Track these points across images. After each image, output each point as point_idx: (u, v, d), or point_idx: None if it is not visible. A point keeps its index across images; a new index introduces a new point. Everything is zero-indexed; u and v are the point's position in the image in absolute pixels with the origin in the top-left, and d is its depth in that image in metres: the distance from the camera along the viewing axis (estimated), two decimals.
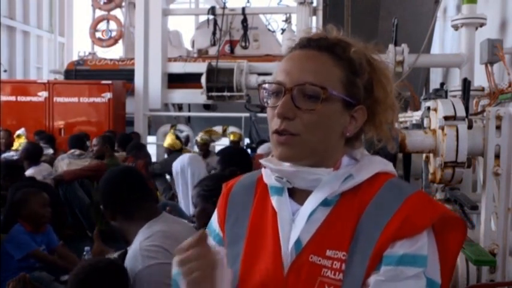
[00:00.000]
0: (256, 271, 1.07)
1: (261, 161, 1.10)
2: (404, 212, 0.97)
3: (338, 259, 0.99)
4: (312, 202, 1.03)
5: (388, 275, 0.96)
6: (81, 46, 17.82)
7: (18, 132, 7.87)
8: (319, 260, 1.00)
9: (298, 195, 1.07)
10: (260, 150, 6.18)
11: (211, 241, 1.17)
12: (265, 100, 1.06)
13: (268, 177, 1.10)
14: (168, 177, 7.08)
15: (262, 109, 7.72)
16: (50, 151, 7.21)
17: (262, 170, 1.12)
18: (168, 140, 7.25)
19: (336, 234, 1.01)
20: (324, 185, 1.03)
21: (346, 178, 1.03)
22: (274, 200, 1.08)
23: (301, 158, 1.03)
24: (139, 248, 1.94)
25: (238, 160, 3.23)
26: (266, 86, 1.06)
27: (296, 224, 1.04)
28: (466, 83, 2.42)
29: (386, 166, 1.08)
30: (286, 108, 1.01)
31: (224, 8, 10.61)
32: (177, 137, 7.51)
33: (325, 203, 1.03)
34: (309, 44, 1.06)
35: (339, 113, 1.03)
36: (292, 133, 1.01)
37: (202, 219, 2.32)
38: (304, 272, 1.01)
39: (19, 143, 7.25)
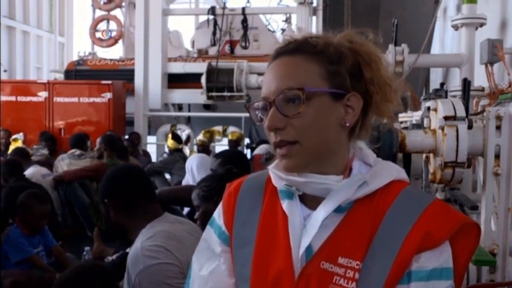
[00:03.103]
0: (267, 276, 1.05)
1: (269, 168, 1.08)
2: (424, 224, 0.96)
3: (352, 268, 0.98)
4: (325, 209, 1.01)
5: None
6: (81, 46, 17.92)
7: (15, 136, 7.88)
8: (331, 267, 0.99)
9: (309, 199, 1.05)
10: (258, 150, 6.17)
11: (214, 238, 1.17)
12: (259, 119, 1.05)
13: (278, 181, 1.08)
14: (168, 176, 7.08)
15: None
16: (45, 151, 7.24)
17: (270, 172, 1.10)
18: (169, 140, 7.31)
19: (350, 242, 0.99)
20: (337, 192, 1.00)
21: (360, 185, 1.01)
22: (284, 204, 1.06)
23: (306, 165, 1.02)
24: (140, 248, 1.94)
25: (237, 162, 3.24)
26: (254, 105, 1.06)
27: (307, 229, 1.02)
28: (466, 83, 2.41)
29: (400, 173, 1.06)
30: (274, 120, 1.00)
31: (224, 8, 10.61)
32: (177, 136, 7.54)
33: (338, 209, 1.01)
34: (279, 53, 1.04)
35: (328, 107, 1.00)
36: (289, 141, 1.00)
37: (205, 220, 2.31)
38: (315, 278, 1.00)
39: (15, 146, 7.25)
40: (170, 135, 7.54)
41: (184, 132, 9.24)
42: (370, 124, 1.07)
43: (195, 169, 4.66)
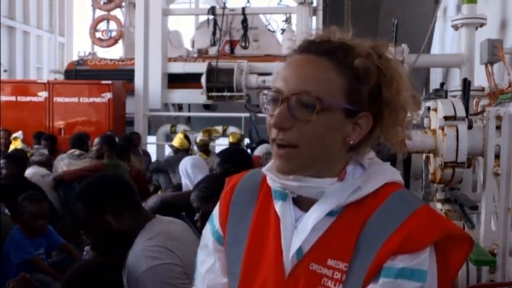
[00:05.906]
0: (257, 276, 1.05)
1: (264, 170, 1.07)
2: (408, 227, 0.95)
3: (339, 270, 0.98)
4: (317, 213, 1.00)
5: (387, 287, 0.95)
6: (81, 46, 17.92)
7: (14, 135, 7.86)
8: (320, 269, 0.99)
9: (302, 201, 1.04)
10: (257, 151, 6.16)
11: (209, 236, 1.18)
12: (265, 106, 1.03)
13: (272, 181, 1.07)
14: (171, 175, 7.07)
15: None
16: (45, 151, 7.22)
17: (264, 172, 1.09)
18: (177, 140, 7.27)
19: (339, 244, 0.99)
20: (330, 196, 1.00)
21: (353, 190, 1.00)
22: (277, 206, 1.06)
23: (300, 170, 1.00)
24: (142, 249, 1.93)
25: (238, 160, 3.23)
26: (265, 91, 1.03)
27: (298, 231, 1.02)
28: (466, 83, 2.41)
29: (394, 175, 1.05)
30: (283, 119, 0.97)
31: (224, 8, 10.62)
32: (187, 138, 7.52)
33: (329, 213, 1.00)
34: (309, 48, 1.00)
35: (339, 122, 0.99)
36: (290, 144, 0.98)
37: (206, 221, 2.31)
38: (303, 279, 1.00)
39: (15, 146, 7.24)
40: (181, 135, 7.51)
41: (193, 135, 9.21)
42: (371, 143, 1.05)
43: (190, 170, 4.65)
